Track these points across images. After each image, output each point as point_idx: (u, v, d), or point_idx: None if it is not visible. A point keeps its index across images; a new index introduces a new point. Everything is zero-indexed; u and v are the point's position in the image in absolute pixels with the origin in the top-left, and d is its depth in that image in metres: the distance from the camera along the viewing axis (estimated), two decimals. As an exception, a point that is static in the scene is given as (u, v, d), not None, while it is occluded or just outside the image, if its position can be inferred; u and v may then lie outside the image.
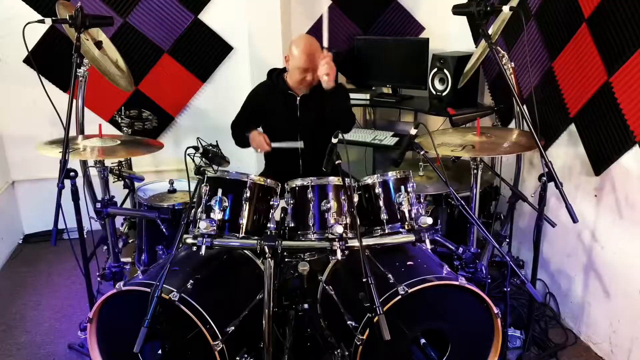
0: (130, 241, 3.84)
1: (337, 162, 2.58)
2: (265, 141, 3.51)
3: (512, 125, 3.76)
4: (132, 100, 4.59)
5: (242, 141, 3.68)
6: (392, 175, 2.71)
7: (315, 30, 4.75)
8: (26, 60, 4.37)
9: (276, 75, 3.62)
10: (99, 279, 3.24)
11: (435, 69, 4.17)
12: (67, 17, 2.82)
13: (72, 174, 2.75)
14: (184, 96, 4.77)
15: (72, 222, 2.88)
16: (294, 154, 3.60)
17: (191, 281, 2.49)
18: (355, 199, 2.62)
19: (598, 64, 2.96)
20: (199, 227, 2.46)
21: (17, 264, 4.43)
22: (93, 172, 3.34)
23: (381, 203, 2.67)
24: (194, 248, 2.49)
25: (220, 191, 2.53)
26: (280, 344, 2.76)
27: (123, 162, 3.92)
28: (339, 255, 2.49)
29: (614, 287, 3.10)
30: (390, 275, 2.47)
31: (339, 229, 2.46)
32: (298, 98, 3.54)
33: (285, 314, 2.87)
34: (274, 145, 3.51)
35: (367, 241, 2.61)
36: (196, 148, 2.66)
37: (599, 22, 2.95)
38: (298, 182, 2.68)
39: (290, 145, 3.52)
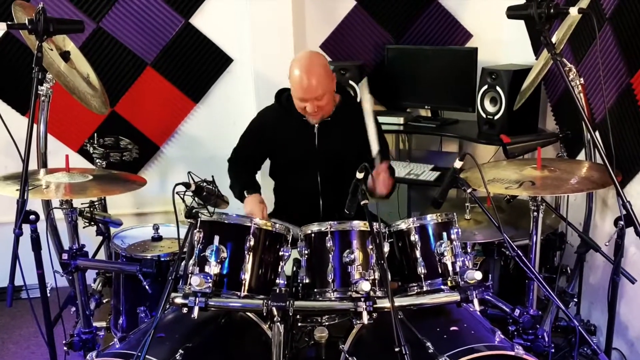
0: (104, 301, 3.87)
1: (362, 203, 2.60)
2: (263, 214, 3.37)
3: (582, 156, 3.79)
4: (107, 125, 4.63)
5: (240, 186, 3.63)
6: (431, 219, 2.75)
7: (334, 39, 4.82)
8: (-25, 76, 4.45)
9: (286, 97, 3.62)
10: (65, 348, 3.27)
11: (486, 86, 4.23)
12: (26, 22, 2.81)
13: (32, 217, 2.79)
14: (172, 120, 4.83)
15: (32, 277, 2.92)
16: (313, 191, 3.65)
17: (181, 351, 2.50)
18: (386, 248, 2.65)
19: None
20: (190, 284, 2.47)
21: (-37, 330, 4.46)
22: (59, 214, 3.39)
23: (418, 254, 2.70)
24: (185, 310, 2.51)
25: (217, 239, 2.57)
26: None
27: (96, 203, 3.97)
28: (365, 318, 2.50)
29: None
30: (429, 344, 2.48)
31: (366, 286, 2.47)
32: (316, 126, 3.60)
33: (297, 392, 2.89)
34: (274, 222, 2.86)
35: (400, 301, 2.63)
36: (187, 185, 2.69)
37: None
38: (314, 227, 2.72)
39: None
